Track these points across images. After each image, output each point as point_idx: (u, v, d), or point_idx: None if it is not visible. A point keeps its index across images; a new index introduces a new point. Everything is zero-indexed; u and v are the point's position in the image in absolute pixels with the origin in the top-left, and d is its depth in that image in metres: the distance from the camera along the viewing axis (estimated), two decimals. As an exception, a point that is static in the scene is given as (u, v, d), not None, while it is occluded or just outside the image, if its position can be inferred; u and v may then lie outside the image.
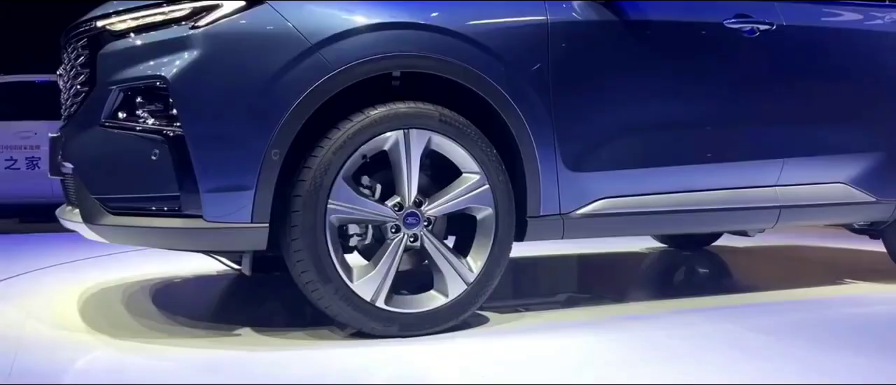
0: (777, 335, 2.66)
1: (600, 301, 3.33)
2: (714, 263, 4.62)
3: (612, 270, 4.51)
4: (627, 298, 3.44)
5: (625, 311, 3.11)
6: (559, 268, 4.51)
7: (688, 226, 3.25)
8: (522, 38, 2.74)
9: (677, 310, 3.09)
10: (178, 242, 2.47)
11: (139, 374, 2.27)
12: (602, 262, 4.69)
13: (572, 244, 4.85)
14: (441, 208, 2.64)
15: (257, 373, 2.25)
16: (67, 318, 2.89)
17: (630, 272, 4.45)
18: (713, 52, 3.14)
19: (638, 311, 3.09)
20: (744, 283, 4.06)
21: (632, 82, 2.97)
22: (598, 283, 4.14)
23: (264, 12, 2.44)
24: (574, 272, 4.48)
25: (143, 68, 2.41)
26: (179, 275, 3.78)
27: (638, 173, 2.99)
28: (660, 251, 4.95)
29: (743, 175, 3.20)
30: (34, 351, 2.47)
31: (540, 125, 2.74)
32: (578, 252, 4.83)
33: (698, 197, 3.11)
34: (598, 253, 4.87)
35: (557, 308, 3.18)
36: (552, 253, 4.76)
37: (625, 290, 3.81)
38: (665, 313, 3.03)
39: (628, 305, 3.24)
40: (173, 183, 2.38)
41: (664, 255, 4.86)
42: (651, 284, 4.09)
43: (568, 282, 4.21)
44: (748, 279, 4.16)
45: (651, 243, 5.10)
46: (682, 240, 5.02)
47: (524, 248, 4.07)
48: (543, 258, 4.64)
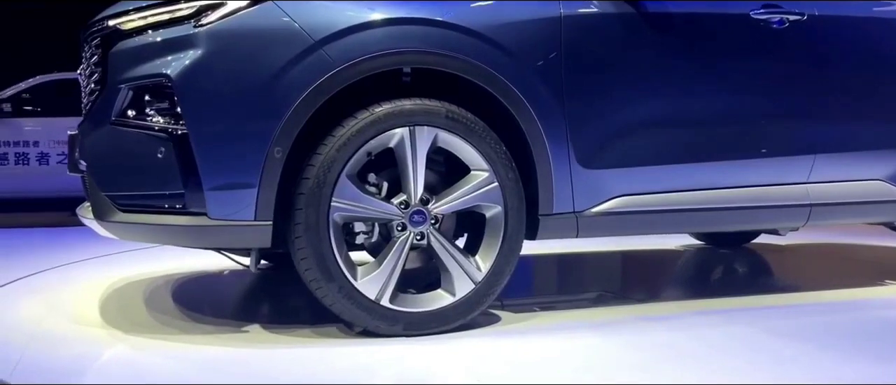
0: (796, 338, 2.56)
1: (621, 300, 3.26)
2: (748, 262, 4.48)
3: (641, 268, 4.41)
4: (650, 298, 3.35)
5: (643, 311, 3.03)
6: (588, 265, 4.44)
7: (711, 224, 3.15)
8: (533, 32, 2.68)
9: (699, 310, 3.00)
10: (183, 240, 2.50)
11: (138, 371, 2.28)
12: (633, 260, 4.59)
13: (605, 241, 4.77)
14: (448, 206, 2.61)
15: (255, 372, 2.25)
16: (84, 313, 2.94)
17: (660, 270, 4.35)
18: (738, 44, 3.03)
19: (657, 312, 3.01)
20: (775, 282, 3.92)
21: (651, 77, 2.88)
22: (626, 282, 4.06)
23: (268, 9, 2.43)
24: (603, 270, 4.40)
25: (149, 67, 2.43)
26: (204, 270, 3.82)
27: (657, 170, 2.90)
28: (695, 249, 4.83)
29: (770, 172, 3.08)
30: (43, 346, 2.52)
31: (552, 121, 2.68)
32: (610, 249, 4.74)
33: (722, 195, 3.01)
34: (631, 250, 4.77)
35: (576, 308, 3.12)
36: (583, 250, 4.68)
37: (649, 289, 3.73)
38: (685, 314, 2.95)
39: (648, 306, 3.15)
40: (178, 181, 2.40)
41: (699, 252, 4.74)
42: (678, 283, 3.99)
43: (595, 280, 4.13)
44: (781, 279, 4.02)
45: (687, 240, 4.97)
46: (720, 237, 4.89)
47: (553, 244, 4.05)
48: (573, 255, 4.56)
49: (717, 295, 3.36)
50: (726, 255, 4.66)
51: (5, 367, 2.23)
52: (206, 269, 3.83)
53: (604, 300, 3.29)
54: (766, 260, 4.48)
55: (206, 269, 3.83)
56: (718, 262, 4.51)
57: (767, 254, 4.62)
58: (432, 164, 2.68)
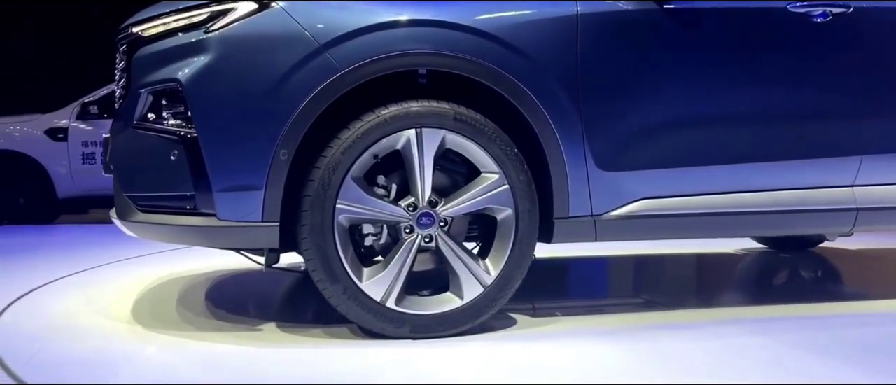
0: (815, 352, 2.42)
1: (650, 306, 3.16)
2: (803, 268, 4.26)
3: (686, 273, 4.27)
4: (682, 304, 3.22)
5: (665, 318, 2.92)
6: (631, 268, 4.32)
7: (745, 229, 3.00)
8: (546, 31, 2.61)
9: (728, 319, 2.88)
10: (195, 240, 2.56)
11: (139, 368, 2.34)
12: (680, 264, 4.45)
13: (656, 244, 4.64)
14: (457, 209, 2.59)
15: (253, 371, 2.29)
16: (116, 309, 3.06)
17: (703, 275, 4.20)
18: (775, 39, 2.88)
19: (684, 319, 2.90)
20: (822, 291, 3.70)
21: (677, 76, 2.77)
22: (664, 287, 3.90)
23: (274, 14, 2.47)
24: (647, 273, 4.26)
25: (164, 72, 2.51)
26: (240, 268, 3.89)
27: (684, 172, 2.79)
28: (757, 253, 4.63)
29: (812, 174, 2.92)
30: (64, 340, 2.63)
31: (566, 122, 2.62)
32: (658, 252, 4.61)
33: (757, 198, 2.87)
34: (681, 253, 4.62)
35: (598, 313, 3.04)
36: (629, 252, 4.57)
37: (686, 295, 3.59)
38: (711, 322, 2.83)
39: (672, 312, 3.03)
40: (189, 182, 2.47)
41: (755, 257, 4.54)
42: (715, 290, 3.82)
43: (632, 284, 4.01)
44: (829, 287, 3.81)
45: (748, 244, 4.78)
46: (782, 241, 4.67)
47: (594, 246, 3.96)
48: (619, 257, 4.46)
49: (749, 303, 3.22)
50: (784, 259, 4.45)
51: (20, 358, 2.35)
52: (243, 268, 3.92)
53: (632, 306, 3.19)
54: (823, 266, 4.25)
55: (242, 268, 3.91)
56: (770, 267, 4.32)
57: (832, 259, 4.38)
58: (452, 166, 2.66)
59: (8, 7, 10.59)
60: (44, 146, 7.30)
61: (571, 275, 4.11)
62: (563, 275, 4.09)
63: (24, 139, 7.41)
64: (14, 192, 7.37)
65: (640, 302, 3.27)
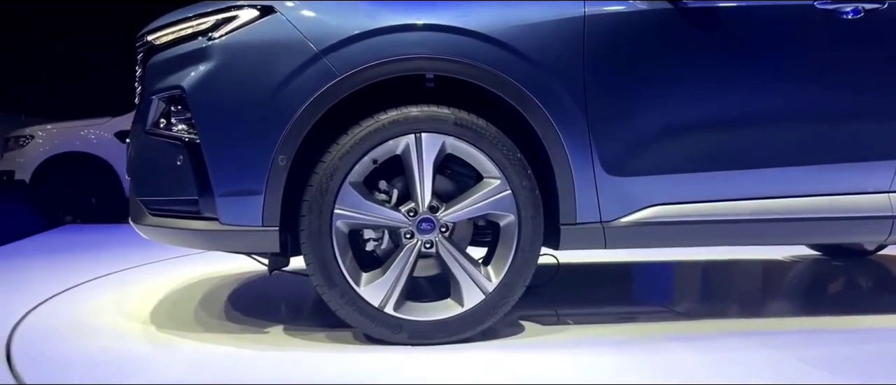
0: (830, 369, 2.28)
1: (667, 317, 3.04)
2: (848, 277, 4.04)
3: (720, 281, 4.11)
4: (701, 314, 3.09)
5: (678, 329, 2.82)
6: (668, 274, 4.19)
7: (769, 237, 2.86)
8: (550, 33, 2.55)
9: (739, 331, 2.76)
10: (199, 243, 2.61)
11: (136, 367, 2.39)
12: (719, 271, 4.28)
13: (698, 251, 4.49)
14: (457, 214, 2.56)
15: (234, 372, 2.31)
16: (137, 310, 3.14)
17: (739, 284, 4.04)
18: (801, 37, 2.74)
19: (694, 330, 2.79)
20: (858, 303, 3.48)
21: (691, 78, 2.66)
22: (690, 295, 3.75)
23: (275, 21, 2.50)
24: (679, 280, 4.12)
25: (172, 79, 2.56)
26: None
27: (700, 177, 2.69)
28: (809, 260, 4.43)
29: (844, 179, 2.77)
30: (78, 338, 2.71)
31: (571, 126, 2.56)
32: (701, 258, 4.46)
33: (780, 205, 2.74)
34: (723, 260, 4.46)
35: (611, 322, 2.96)
36: (675, 258, 4.44)
37: (710, 305, 3.46)
38: (722, 334, 2.72)
39: (690, 323, 2.92)
40: (194, 187, 2.52)
41: (805, 265, 4.34)
42: (744, 299, 3.67)
43: (660, 291, 3.87)
44: (869, 299, 3.59)
45: (801, 251, 4.57)
46: (835, 248, 4.45)
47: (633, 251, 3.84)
48: (657, 263, 4.33)
49: (778, 315, 3.07)
50: (833, 268, 4.23)
51: (28, 356, 2.45)
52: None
53: (652, 315, 3.09)
54: (873, 275, 4.03)
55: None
56: (814, 276, 4.13)
57: (889, 267, 4.14)
58: (463, 171, 2.63)
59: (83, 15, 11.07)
60: (113, 148, 7.61)
61: (602, 281, 4.01)
62: (594, 281, 4.00)
63: (96, 141, 7.74)
64: (87, 192, 7.71)
65: (662, 311, 3.16)
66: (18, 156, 7.83)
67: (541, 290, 3.51)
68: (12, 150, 7.95)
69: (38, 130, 8.02)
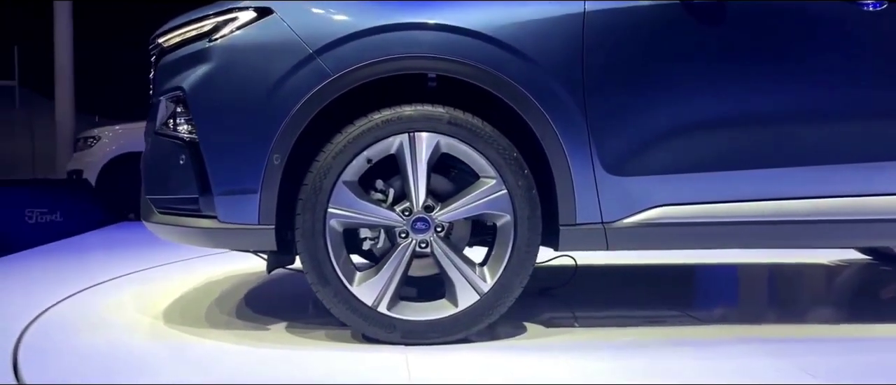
0: (827, 378, 2.17)
1: (678, 321, 2.94)
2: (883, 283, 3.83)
3: (750, 284, 3.96)
4: (716, 319, 2.99)
5: (687, 334, 2.73)
6: (698, 277, 4.05)
7: (782, 241, 2.71)
8: (547, 30, 2.51)
9: (748, 337, 2.65)
10: (201, 241, 2.66)
11: (133, 366, 2.44)
12: (752, 274, 4.12)
13: (732, 253, 4.34)
14: (452, 214, 2.54)
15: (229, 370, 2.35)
16: (152, 307, 3.21)
17: (768, 289, 3.89)
18: (817, 31, 2.62)
19: (702, 336, 2.70)
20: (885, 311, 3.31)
21: (699, 73, 2.57)
22: (711, 300, 3.60)
23: (271, 22, 2.52)
24: (711, 284, 3.98)
25: (175, 80, 2.62)
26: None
27: (708, 177, 2.59)
28: (858, 265, 4.21)
29: (867, 180, 2.63)
30: (87, 333, 2.80)
31: (569, 124, 2.50)
32: (736, 261, 4.30)
33: (796, 206, 2.62)
34: (761, 263, 4.29)
35: (621, 325, 2.87)
36: (711, 260, 4.30)
37: (730, 309, 3.34)
38: (731, 340, 2.63)
39: (700, 328, 2.82)
40: (194, 185, 2.57)
41: (851, 270, 4.13)
42: (769, 304, 3.53)
43: (684, 295, 3.72)
44: None
45: (849, 255, 4.36)
46: (885, 252, 4.23)
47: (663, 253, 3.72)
48: (691, 265, 4.20)
49: (799, 321, 2.94)
50: (879, 274, 4.02)
51: (33, 350, 2.54)
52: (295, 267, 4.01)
53: (665, 319, 2.99)
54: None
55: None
56: (852, 282, 3.91)
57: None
58: (466, 171, 2.61)
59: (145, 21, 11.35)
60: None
61: (622, 283, 3.92)
62: (613, 283, 3.91)
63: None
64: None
65: (676, 315, 3.06)
66: (87, 155, 8.17)
67: (558, 291, 3.47)
68: (81, 150, 8.30)
69: (105, 131, 8.34)
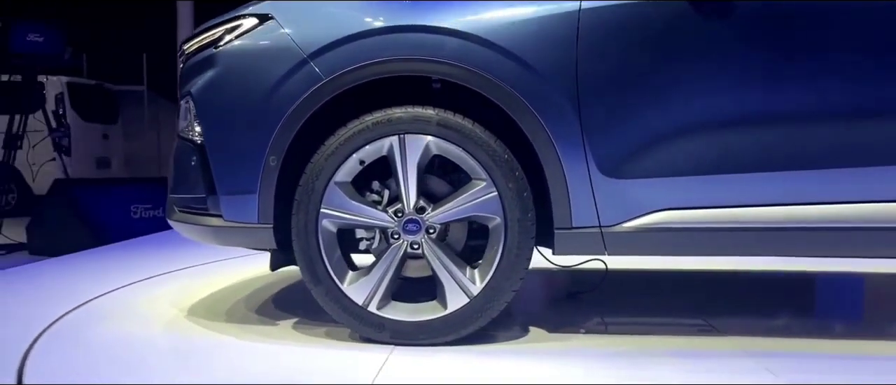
0: None
1: (693, 331, 2.80)
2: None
3: (782, 295, 3.75)
4: (730, 330, 2.82)
5: (693, 344, 2.62)
6: (740, 285, 3.84)
7: (793, 248, 2.52)
8: (539, 30, 2.46)
9: (752, 351, 2.52)
10: (210, 238, 2.77)
11: (131, 365, 2.55)
12: (790, 284, 3.89)
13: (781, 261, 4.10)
14: (443, 216, 2.54)
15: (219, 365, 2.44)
16: (181, 303, 3.33)
17: (795, 299, 3.70)
18: (827, 26, 2.43)
19: (707, 347, 2.59)
20: None
21: (699, 72, 2.45)
22: (737, 309, 3.38)
23: (270, 28, 2.61)
24: (748, 293, 3.76)
25: (187, 86, 2.76)
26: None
27: (712, 180, 2.47)
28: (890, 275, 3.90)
29: (883, 184, 2.43)
30: (103, 328, 2.95)
31: (562, 125, 2.45)
32: (786, 268, 4.05)
33: (810, 212, 2.45)
34: (804, 270, 4.02)
35: (631, 333, 2.79)
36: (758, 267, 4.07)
37: (752, 320, 3.15)
38: (736, 353, 2.50)
39: (709, 339, 2.70)
40: (202, 186, 2.69)
41: (881, 280, 3.82)
42: (794, 315, 3.33)
43: (713, 304, 3.51)
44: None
45: (885, 264, 4.04)
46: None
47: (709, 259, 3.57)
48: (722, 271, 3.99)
49: (815, 335, 2.75)
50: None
51: (56, 345, 2.73)
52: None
53: (681, 328, 2.87)
54: None
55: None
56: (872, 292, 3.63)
57: None
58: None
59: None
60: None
61: (662, 290, 3.77)
62: (641, 290, 3.78)
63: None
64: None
65: (699, 324, 2.92)
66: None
67: (586, 296, 3.39)
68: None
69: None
